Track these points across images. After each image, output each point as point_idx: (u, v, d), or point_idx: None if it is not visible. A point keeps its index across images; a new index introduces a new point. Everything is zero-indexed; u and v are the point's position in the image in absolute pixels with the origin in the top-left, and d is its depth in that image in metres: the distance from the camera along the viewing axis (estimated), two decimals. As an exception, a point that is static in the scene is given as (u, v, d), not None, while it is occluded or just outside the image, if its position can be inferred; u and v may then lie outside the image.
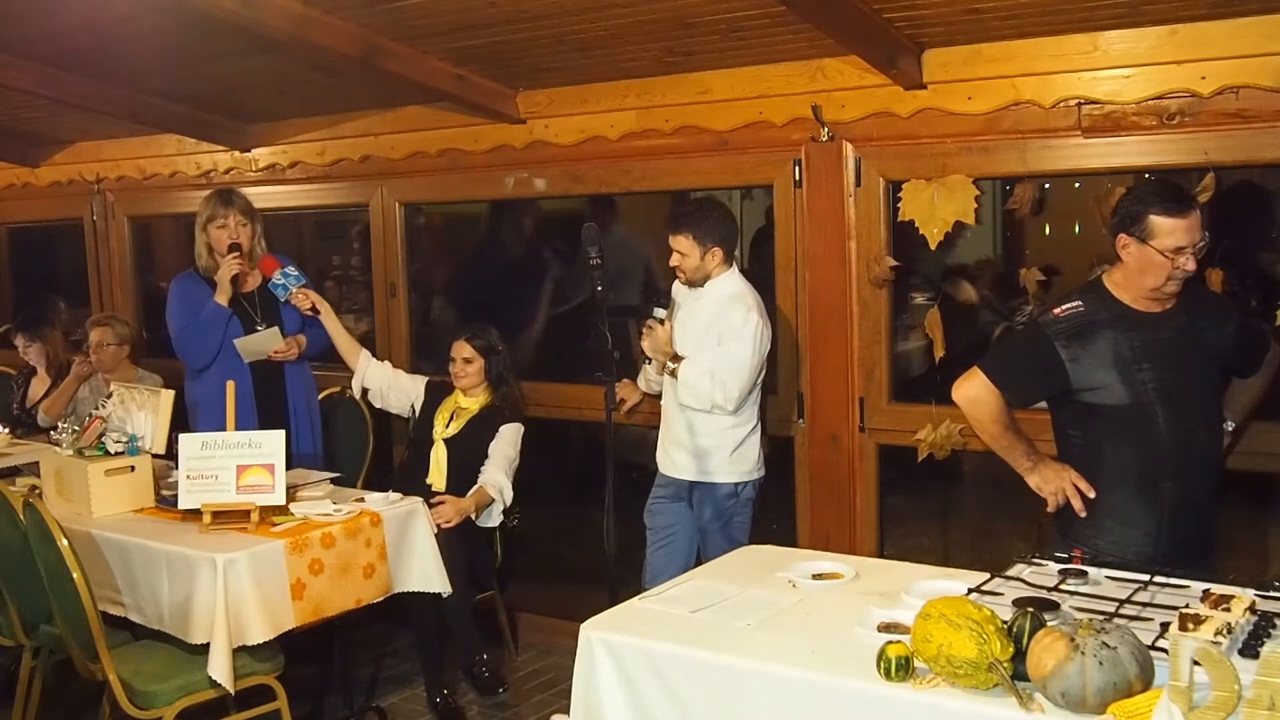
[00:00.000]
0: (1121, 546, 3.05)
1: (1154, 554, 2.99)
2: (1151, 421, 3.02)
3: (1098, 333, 3.04)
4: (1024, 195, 3.77)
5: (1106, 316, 3.05)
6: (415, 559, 3.90)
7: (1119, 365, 3.02)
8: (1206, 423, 3.11)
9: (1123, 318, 3.04)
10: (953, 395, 3.21)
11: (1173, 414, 3.02)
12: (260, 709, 3.62)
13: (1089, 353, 3.04)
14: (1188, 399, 3.04)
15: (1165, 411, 3.02)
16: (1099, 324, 3.04)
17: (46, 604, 3.57)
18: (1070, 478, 3.09)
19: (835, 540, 4.12)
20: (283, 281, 4.43)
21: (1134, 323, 3.04)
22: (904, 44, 3.70)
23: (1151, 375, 3.01)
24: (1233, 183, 3.65)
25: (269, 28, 3.77)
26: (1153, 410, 3.02)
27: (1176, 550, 2.99)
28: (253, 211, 4.54)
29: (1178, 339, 3.04)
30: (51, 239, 7.17)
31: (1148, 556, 2.98)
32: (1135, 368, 3.02)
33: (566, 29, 3.91)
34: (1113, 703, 2.02)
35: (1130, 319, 3.04)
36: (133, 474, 3.89)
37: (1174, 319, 3.05)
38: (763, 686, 2.38)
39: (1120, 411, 3.04)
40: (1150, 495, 3.05)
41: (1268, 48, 3.27)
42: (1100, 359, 3.03)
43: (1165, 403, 3.02)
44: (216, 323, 4.41)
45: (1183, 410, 3.03)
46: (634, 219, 5.14)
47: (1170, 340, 3.04)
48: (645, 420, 4.48)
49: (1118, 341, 3.03)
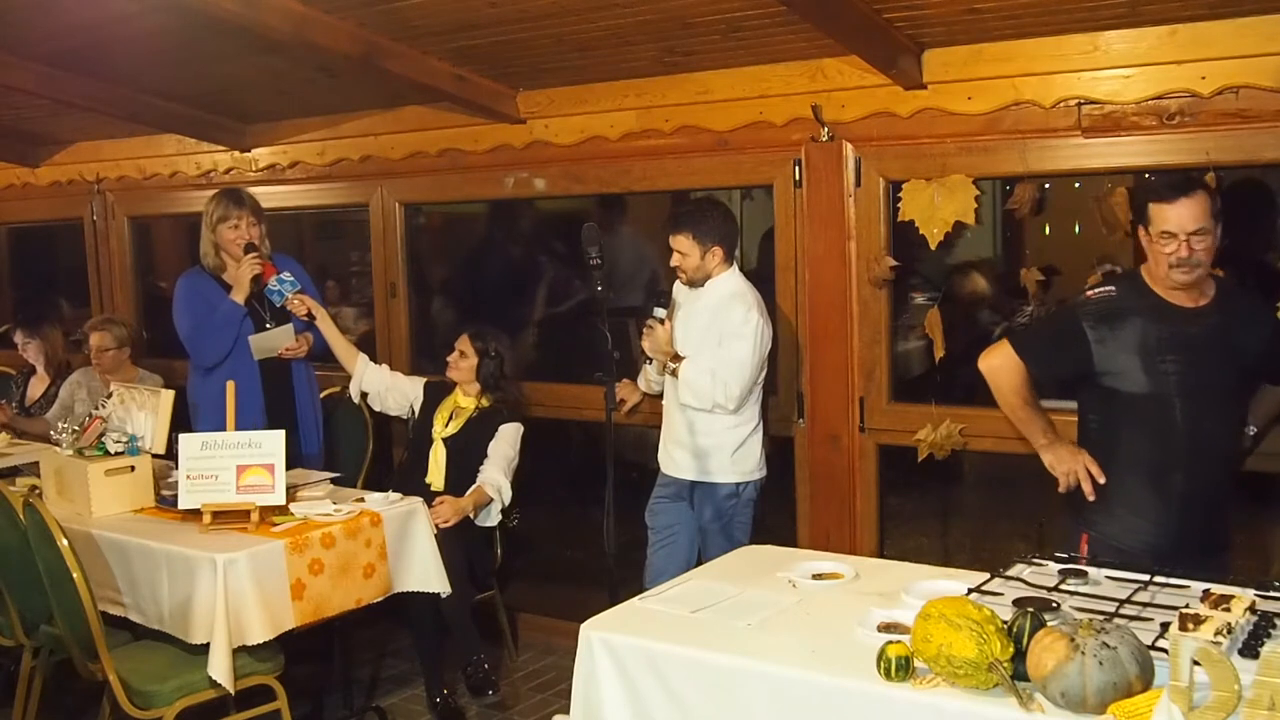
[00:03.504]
0: (1129, 534, 3.08)
1: (1159, 544, 3.01)
2: (1169, 413, 3.04)
3: (1127, 319, 3.07)
4: (1024, 195, 3.76)
5: (1138, 305, 3.07)
6: (415, 559, 3.90)
7: (1143, 353, 3.05)
8: (1224, 421, 3.11)
9: (1154, 308, 3.06)
10: (979, 364, 3.27)
11: (1190, 408, 3.03)
12: (260, 709, 3.62)
13: (1116, 337, 3.07)
14: (1208, 395, 3.05)
15: (1183, 404, 3.03)
16: (1130, 311, 3.07)
17: (46, 604, 3.57)
18: (1084, 460, 3.11)
19: (835, 540, 4.12)
20: (278, 288, 4.42)
21: (1164, 314, 3.05)
22: (904, 44, 3.70)
23: (1174, 368, 3.03)
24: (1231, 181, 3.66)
25: (269, 28, 3.77)
26: (1171, 402, 3.04)
27: (1184, 544, 2.99)
28: (261, 211, 4.53)
29: (1206, 335, 3.04)
30: (51, 239, 7.17)
31: (1153, 547, 3.00)
32: (1159, 358, 3.03)
33: (566, 29, 3.91)
34: (1113, 703, 2.02)
35: (1161, 310, 3.06)
36: (133, 474, 3.89)
37: (1206, 315, 3.05)
38: (763, 686, 2.38)
39: (1139, 400, 3.06)
40: (1161, 486, 3.07)
41: (1268, 48, 3.28)
42: (1125, 345, 3.06)
43: (1184, 396, 3.03)
44: (231, 321, 4.40)
45: (1201, 406, 3.04)
46: (634, 219, 5.13)
47: (1198, 336, 3.04)
48: (645, 420, 4.48)
49: (1145, 330, 3.05)
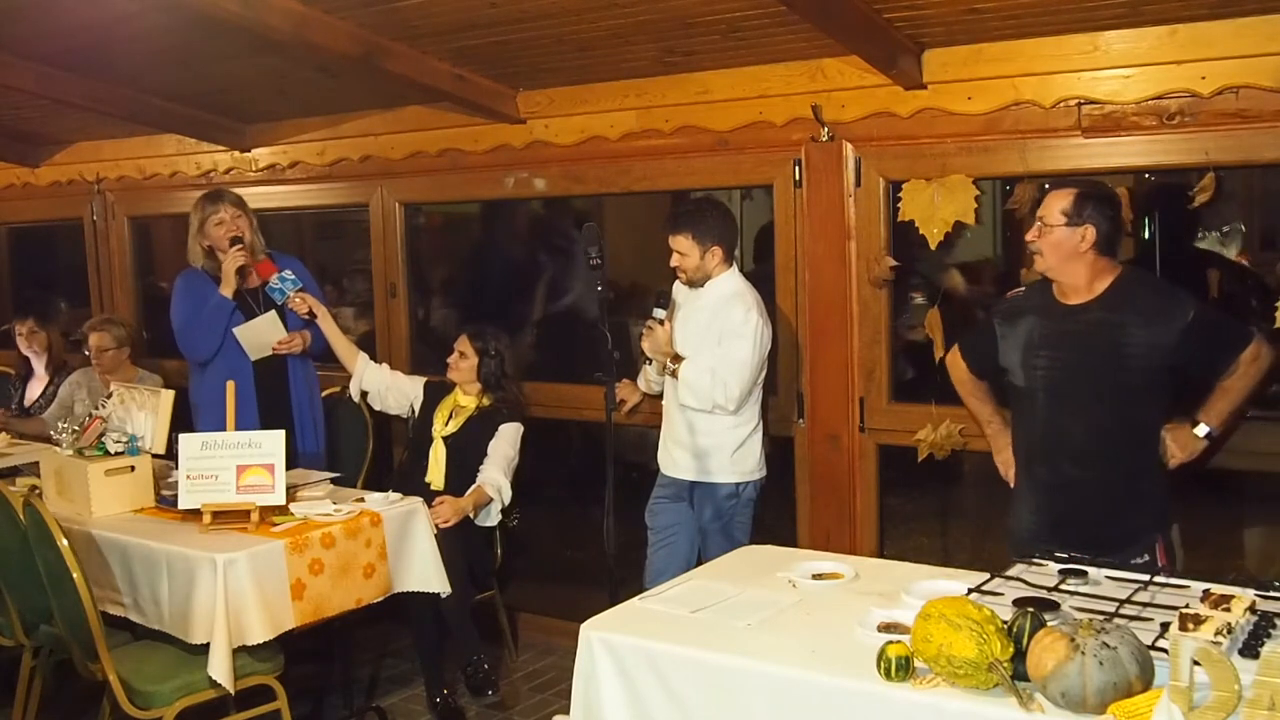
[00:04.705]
0: (1015, 518, 3.34)
1: (1038, 531, 3.17)
2: (1034, 406, 3.20)
3: (1023, 317, 3.23)
4: (1024, 195, 3.76)
5: (1035, 304, 3.23)
6: (415, 559, 3.89)
7: (1024, 350, 3.20)
8: (1086, 415, 3.12)
9: (1042, 306, 3.20)
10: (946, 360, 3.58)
11: (1051, 402, 3.16)
12: (260, 709, 3.62)
13: (1013, 334, 3.24)
14: (1071, 391, 3.13)
15: (1045, 399, 3.17)
16: (1027, 310, 3.24)
17: (46, 604, 3.57)
18: (1007, 454, 3.43)
19: (835, 540, 4.12)
20: (279, 286, 4.42)
21: (1048, 312, 3.18)
22: (904, 44, 3.70)
23: (1044, 363, 3.16)
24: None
25: (269, 28, 3.77)
26: (1037, 396, 3.19)
27: (1059, 533, 3.09)
28: (244, 204, 4.52)
29: (1082, 331, 3.11)
30: (51, 239, 7.17)
31: (1031, 534, 3.18)
32: (1034, 354, 3.18)
33: (566, 29, 3.91)
34: (1113, 703, 2.02)
35: (1047, 308, 3.19)
36: (133, 474, 3.89)
37: (1087, 312, 3.12)
38: (762, 686, 2.38)
39: (1018, 393, 3.27)
40: (1030, 475, 3.29)
41: (1268, 48, 3.27)
42: (1016, 341, 3.23)
43: (1047, 391, 3.17)
44: (220, 315, 4.39)
45: (1062, 401, 3.14)
46: (634, 219, 5.13)
47: (1074, 332, 3.12)
48: (645, 420, 4.48)
49: (1031, 327, 3.20)
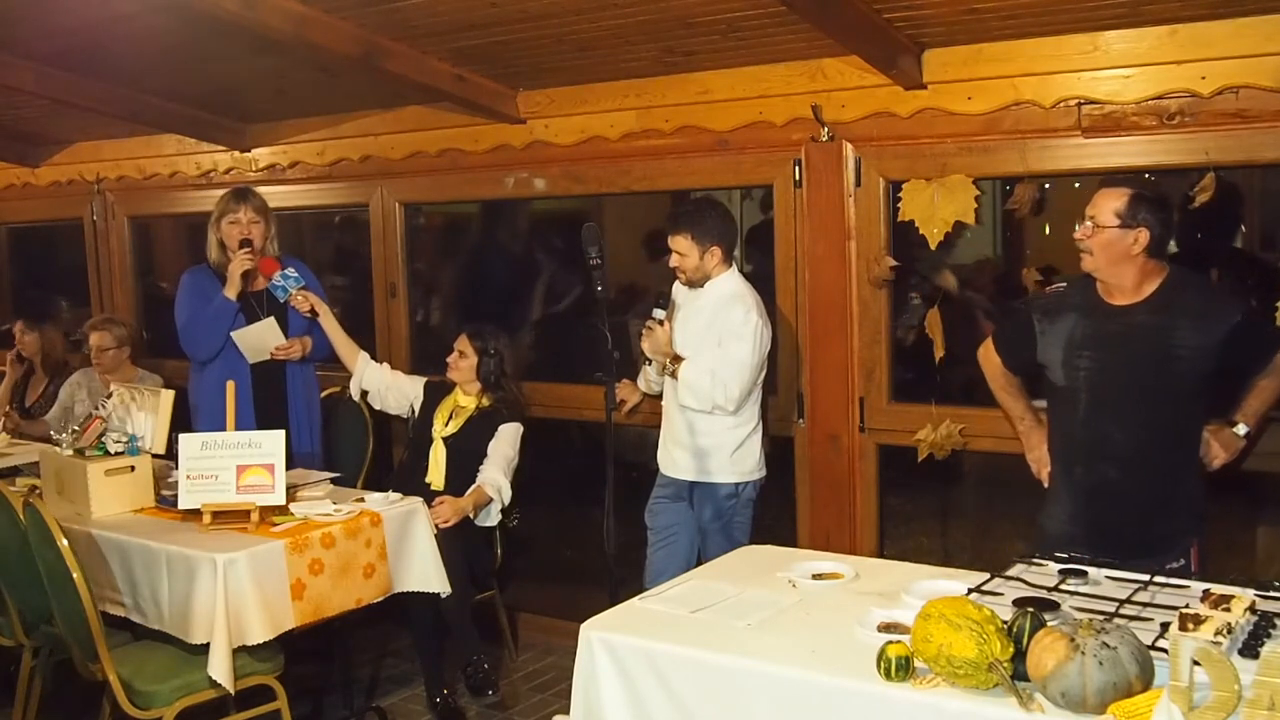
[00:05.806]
0: (1051, 520, 3.25)
1: (1073, 533, 3.12)
2: (1075, 407, 3.15)
3: (1065, 314, 3.18)
4: (1024, 195, 3.77)
5: (1077, 302, 3.17)
6: (415, 559, 3.89)
7: (1066, 348, 3.15)
8: (1129, 417, 3.10)
9: (1087, 305, 3.15)
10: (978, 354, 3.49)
11: (1093, 404, 3.12)
12: (260, 709, 3.62)
13: (1053, 330, 3.19)
14: (1114, 393, 3.10)
15: (1087, 399, 3.13)
16: (1069, 307, 3.18)
17: (46, 604, 3.57)
18: (1041, 451, 3.32)
19: (835, 540, 4.12)
20: (282, 283, 4.42)
21: (1092, 311, 3.14)
22: (904, 44, 3.70)
23: (1087, 364, 3.12)
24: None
25: (269, 28, 3.77)
26: (1079, 397, 3.14)
27: (1096, 536, 3.06)
28: (267, 211, 4.52)
29: (1129, 333, 3.08)
30: (51, 239, 7.17)
31: (1068, 535, 3.11)
32: (1077, 353, 3.13)
33: (566, 29, 3.91)
34: (1113, 703, 2.02)
35: (1091, 307, 3.14)
36: (133, 474, 3.89)
37: (1134, 314, 3.08)
38: (763, 686, 2.38)
39: (1059, 392, 3.21)
40: (1067, 477, 3.22)
41: (1268, 48, 3.28)
42: (1057, 339, 3.18)
43: (1090, 391, 3.12)
44: (223, 316, 4.40)
45: (1105, 402, 3.11)
46: (634, 219, 5.13)
47: (1119, 334, 3.09)
48: (645, 420, 4.48)
49: (1074, 325, 3.15)
